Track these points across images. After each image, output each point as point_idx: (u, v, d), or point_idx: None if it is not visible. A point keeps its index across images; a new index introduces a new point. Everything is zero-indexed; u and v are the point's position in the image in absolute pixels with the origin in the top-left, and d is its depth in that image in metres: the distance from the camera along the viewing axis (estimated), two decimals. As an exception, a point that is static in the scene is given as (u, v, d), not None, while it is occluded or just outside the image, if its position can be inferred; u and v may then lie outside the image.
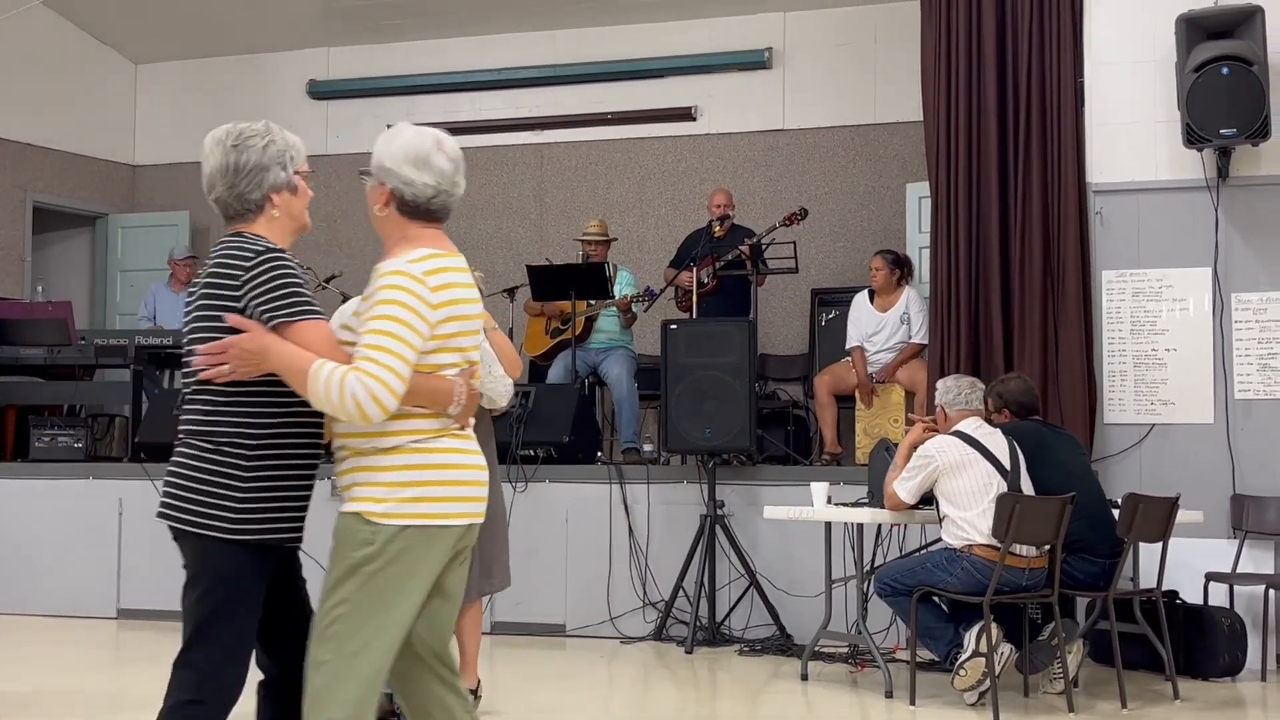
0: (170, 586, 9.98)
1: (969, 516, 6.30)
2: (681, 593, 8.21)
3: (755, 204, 10.97)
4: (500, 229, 12.11)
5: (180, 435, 3.32)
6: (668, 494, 8.56)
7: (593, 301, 9.57)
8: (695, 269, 9.42)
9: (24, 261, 12.14)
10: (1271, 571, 7.52)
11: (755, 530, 8.29)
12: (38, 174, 12.28)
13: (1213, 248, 7.83)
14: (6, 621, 9.06)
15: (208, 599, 3.26)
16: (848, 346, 9.29)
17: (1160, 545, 6.70)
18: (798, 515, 7.05)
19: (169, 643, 3.37)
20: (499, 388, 5.62)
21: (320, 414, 3.29)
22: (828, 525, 7.14)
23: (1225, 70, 7.45)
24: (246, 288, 3.27)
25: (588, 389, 9.60)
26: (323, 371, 3.16)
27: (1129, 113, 8.00)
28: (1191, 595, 7.34)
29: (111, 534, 9.35)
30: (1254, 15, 7.57)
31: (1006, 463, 6.42)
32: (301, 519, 3.40)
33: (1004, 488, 6.31)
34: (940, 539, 6.57)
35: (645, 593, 8.48)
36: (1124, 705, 6.32)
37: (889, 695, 6.59)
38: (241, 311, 3.26)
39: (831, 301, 10.30)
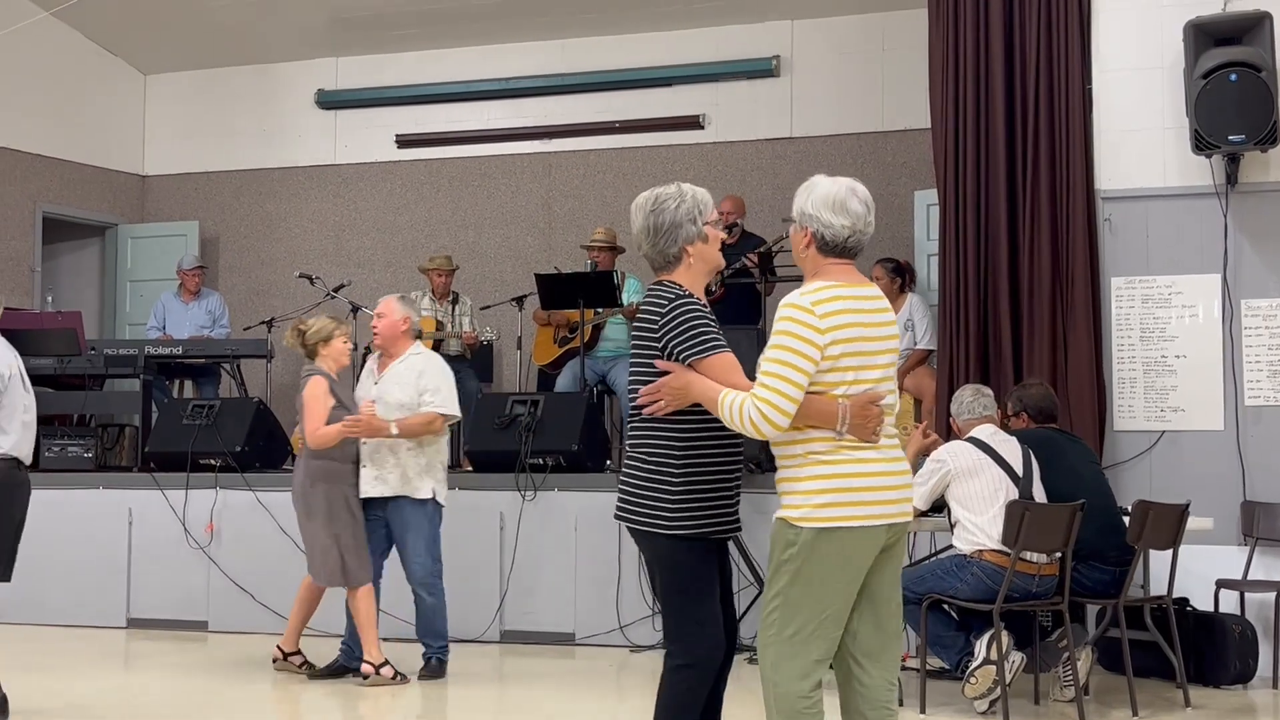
0: (179, 596, 9.91)
1: (980, 521, 6.30)
2: (691, 601, 8.19)
3: (763, 212, 10.97)
4: (508, 238, 12.13)
5: (627, 452, 4.09)
6: (677, 502, 8.53)
7: (600, 310, 9.57)
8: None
9: (34, 272, 12.17)
10: (1282, 578, 7.51)
11: (764, 538, 8.24)
12: (47, 185, 12.31)
13: (1222, 254, 7.82)
14: (17, 631, 9.06)
15: (668, 584, 4.01)
16: (855, 355, 9.26)
17: (1171, 552, 6.68)
18: (807, 523, 7.03)
19: (178, 651, 3.42)
20: None
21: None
22: (837, 533, 7.12)
23: (1233, 77, 7.44)
24: (663, 331, 3.94)
25: (596, 397, 9.59)
26: (726, 399, 3.80)
27: (1137, 119, 7.99)
28: (1202, 602, 7.31)
29: (121, 544, 9.36)
30: (1262, 22, 7.57)
31: (1019, 469, 6.41)
32: (728, 516, 4.18)
33: (1015, 494, 6.30)
34: (951, 546, 6.56)
35: (654, 601, 8.47)
36: (1135, 713, 6.30)
37: (899, 703, 6.56)
38: (661, 350, 3.94)
39: (840, 309, 10.27)
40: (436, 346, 10.14)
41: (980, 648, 6.23)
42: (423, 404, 7.11)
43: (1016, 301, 8.11)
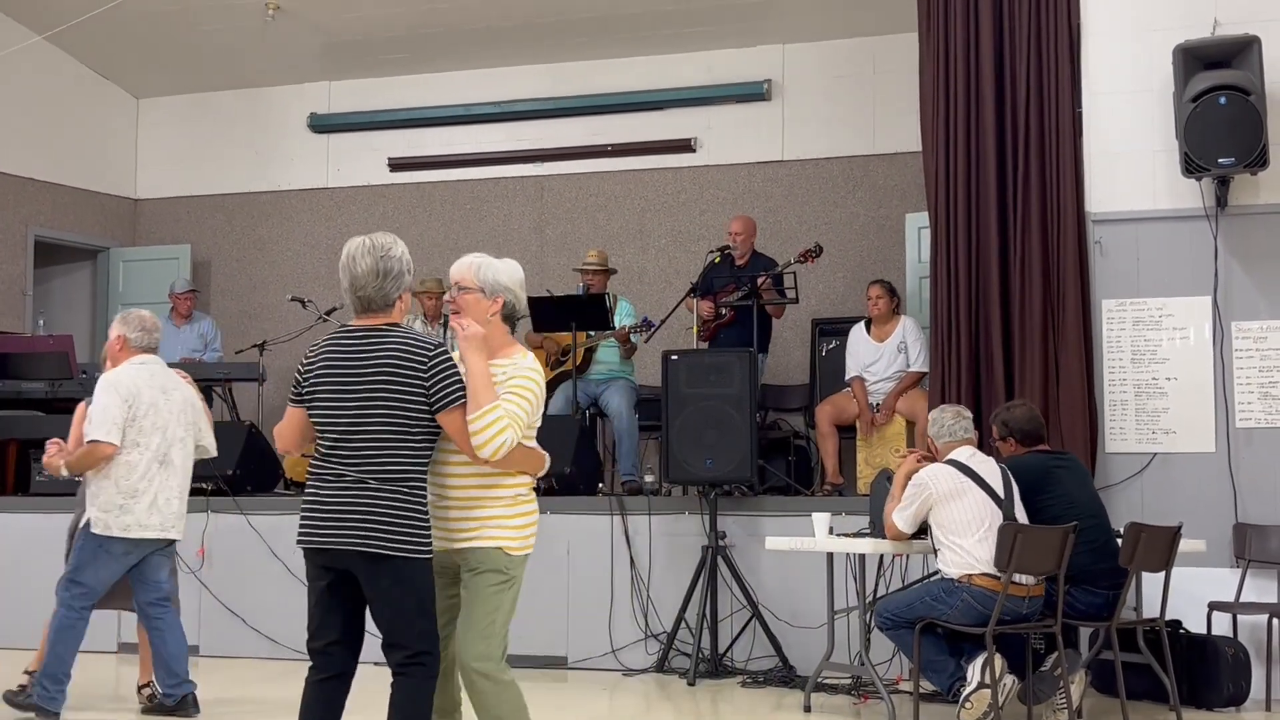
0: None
1: (967, 544, 6.29)
2: (683, 624, 8.18)
3: (756, 234, 10.99)
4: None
5: (362, 481, 4.27)
6: (669, 525, 8.55)
7: (593, 333, 9.58)
8: (716, 297, 9.48)
9: (26, 295, 12.16)
10: (1275, 600, 7.48)
11: (757, 561, 8.27)
12: (39, 208, 12.32)
13: (1212, 276, 7.84)
14: (7, 655, 9.02)
15: (414, 600, 4.30)
16: (847, 378, 9.29)
17: (1163, 575, 6.68)
18: (799, 546, 7.04)
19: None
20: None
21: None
22: (830, 556, 7.12)
23: (1223, 100, 7.47)
24: (431, 373, 4.28)
25: (588, 420, 9.59)
26: (498, 411, 4.30)
27: (1127, 142, 8.02)
28: (1195, 625, 7.31)
29: (112, 568, 9.31)
30: (1251, 45, 7.60)
31: (1000, 491, 6.41)
32: None
33: (999, 516, 6.31)
34: (938, 571, 6.54)
35: (647, 624, 8.46)
36: (1128, 736, 6.30)
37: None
38: (428, 387, 4.28)
39: (832, 331, 10.30)
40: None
41: (974, 672, 6.22)
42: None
43: (1008, 324, 8.13)
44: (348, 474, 4.27)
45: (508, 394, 4.35)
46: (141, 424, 6.70)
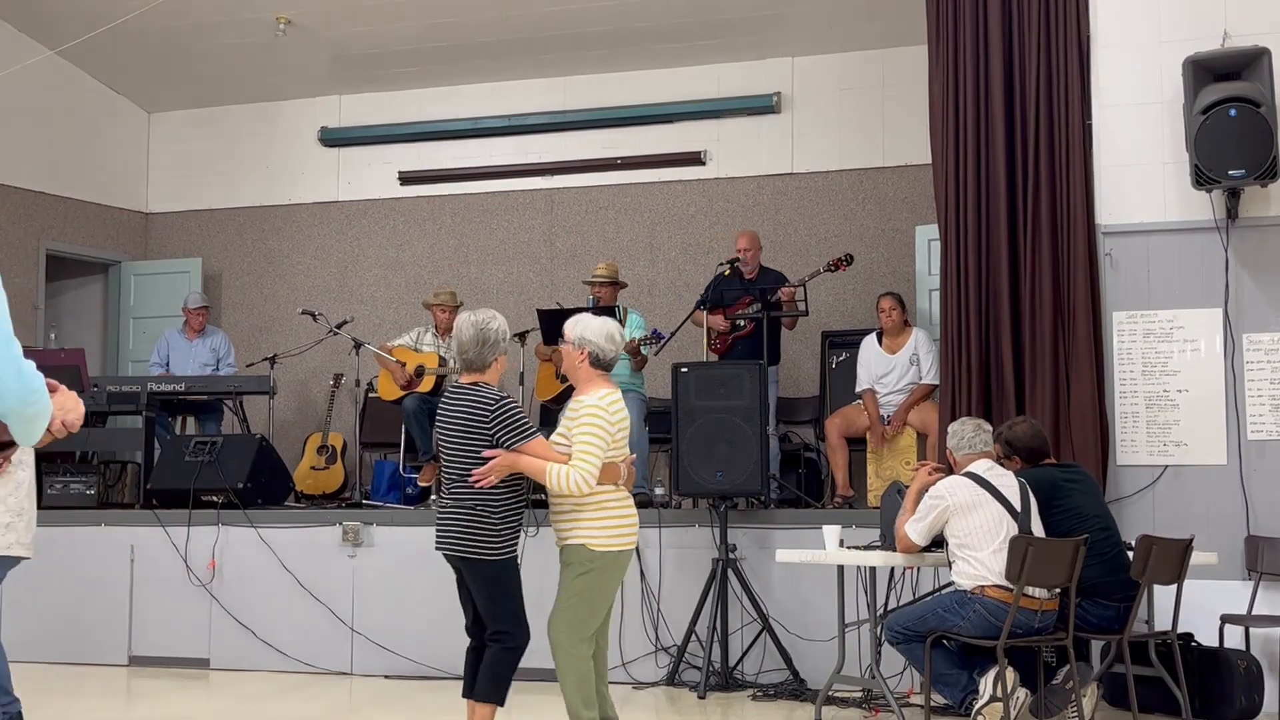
0: (181, 633, 9.85)
1: (981, 556, 6.29)
2: (694, 637, 8.17)
3: (765, 247, 10.98)
4: (511, 273, 12.15)
5: (463, 511, 5.48)
6: (679, 538, 8.54)
7: (603, 345, 9.56)
8: (730, 310, 9.49)
9: (37, 309, 12.19)
10: (1287, 613, 7.47)
11: (767, 574, 8.26)
12: (51, 222, 12.35)
13: (1223, 288, 7.83)
14: (17, 669, 9.03)
15: None
16: (858, 389, 9.29)
17: (1175, 587, 6.66)
18: (810, 558, 7.03)
19: (180, 689, 3.40)
20: None
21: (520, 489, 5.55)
22: (840, 568, 7.11)
23: (1233, 112, 7.47)
24: (494, 423, 5.39)
25: (599, 433, 9.56)
26: (553, 471, 5.38)
27: (1137, 154, 8.02)
28: (1207, 638, 7.29)
29: (123, 581, 9.35)
30: (1261, 57, 7.60)
31: (1017, 504, 6.40)
32: None
33: (1015, 529, 6.29)
34: (951, 583, 6.54)
35: (657, 637, 8.45)
36: (1140, 749, 6.27)
37: None
38: (491, 438, 5.38)
39: (842, 344, 10.30)
40: (439, 382, 10.15)
41: (986, 685, 6.21)
42: None
43: (1018, 336, 8.12)
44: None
45: (578, 439, 5.38)
46: None
